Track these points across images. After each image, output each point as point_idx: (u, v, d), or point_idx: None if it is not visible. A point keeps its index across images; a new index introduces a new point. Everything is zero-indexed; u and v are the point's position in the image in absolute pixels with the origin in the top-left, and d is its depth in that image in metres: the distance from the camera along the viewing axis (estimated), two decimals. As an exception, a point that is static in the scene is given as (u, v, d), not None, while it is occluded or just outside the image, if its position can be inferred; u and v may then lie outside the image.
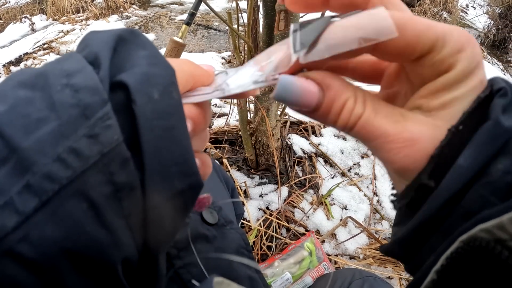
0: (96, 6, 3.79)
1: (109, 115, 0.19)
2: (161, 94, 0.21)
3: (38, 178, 0.18)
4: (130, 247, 0.22)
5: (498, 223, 0.19)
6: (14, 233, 0.17)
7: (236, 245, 0.56)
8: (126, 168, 0.20)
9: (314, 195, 1.51)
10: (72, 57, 0.22)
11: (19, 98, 0.19)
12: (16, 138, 0.18)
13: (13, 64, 2.72)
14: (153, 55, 0.23)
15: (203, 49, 3.00)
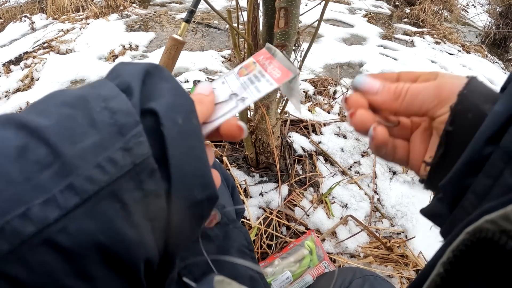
0: (96, 5, 3.78)
1: (141, 134, 0.24)
2: (184, 120, 0.26)
3: (80, 180, 0.21)
4: (152, 249, 0.25)
5: (503, 214, 0.21)
6: (55, 224, 0.20)
7: (238, 244, 0.56)
8: (154, 177, 0.24)
9: (315, 193, 1.51)
10: (106, 84, 0.27)
11: (63, 115, 0.23)
12: (62, 147, 0.21)
13: (13, 63, 2.72)
14: (176, 87, 0.29)
15: (203, 47, 2.99)
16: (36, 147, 0.21)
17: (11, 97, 2.34)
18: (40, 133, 0.22)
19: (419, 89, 0.34)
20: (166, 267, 0.28)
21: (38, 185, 0.20)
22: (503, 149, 0.26)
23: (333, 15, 3.91)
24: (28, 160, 0.21)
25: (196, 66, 2.58)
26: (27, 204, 0.19)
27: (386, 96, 0.35)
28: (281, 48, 1.10)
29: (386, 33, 3.79)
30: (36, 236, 0.19)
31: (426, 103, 0.33)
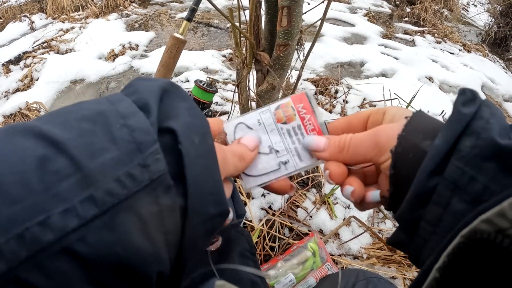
0: (95, 4, 3.76)
1: (158, 151, 0.25)
2: (200, 140, 0.28)
3: (100, 192, 0.22)
4: (165, 261, 0.26)
5: (498, 211, 0.22)
6: (74, 233, 0.21)
7: (240, 248, 0.56)
8: (169, 193, 0.25)
9: (317, 194, 1.49)
10: (124, 100, 0.27)
11: (84, 129, 0.24)
12: (82, 160, 0.22)
13: (12, 63, 2.70)
14: (192, 107, 0.30)
15: (203, 47, 2.98)
16: (56, 158, 0.22)
17: (10, 97, 2.33)
18: (61, 144, 0.22)
19: (359, 139, 0.36)
20: (176, 278, 0.29)
21: (58, 195, 0.21)
22: (448, 179, 0.29)
23: (333, 14, 3.90)
24: (48, 170, 0.21)
25: (196, 65, 2.57)
26: (47, 213, 0.20)
27: (332, 151, 0.38)
28: (283, 47, 1.09)
29: (387, 32, 3.78)
30: (55, 243, 0.20)
31: (368, 153, 0.36)
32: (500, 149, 0.27)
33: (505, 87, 2.99)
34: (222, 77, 2.45)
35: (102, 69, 2.57)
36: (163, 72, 1.05)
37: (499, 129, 0.29)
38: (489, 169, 0.27)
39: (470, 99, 0.31)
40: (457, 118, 0.30)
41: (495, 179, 0.27)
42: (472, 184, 0.28)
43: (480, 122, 0.29)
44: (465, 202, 0.28)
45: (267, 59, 1.13)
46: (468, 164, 0.28)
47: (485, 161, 0.27)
